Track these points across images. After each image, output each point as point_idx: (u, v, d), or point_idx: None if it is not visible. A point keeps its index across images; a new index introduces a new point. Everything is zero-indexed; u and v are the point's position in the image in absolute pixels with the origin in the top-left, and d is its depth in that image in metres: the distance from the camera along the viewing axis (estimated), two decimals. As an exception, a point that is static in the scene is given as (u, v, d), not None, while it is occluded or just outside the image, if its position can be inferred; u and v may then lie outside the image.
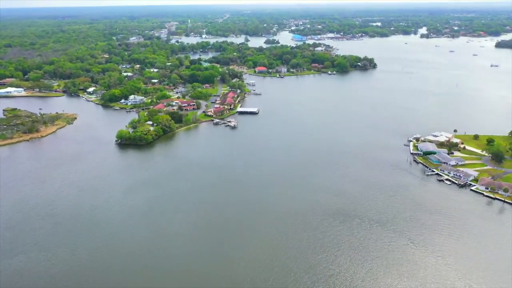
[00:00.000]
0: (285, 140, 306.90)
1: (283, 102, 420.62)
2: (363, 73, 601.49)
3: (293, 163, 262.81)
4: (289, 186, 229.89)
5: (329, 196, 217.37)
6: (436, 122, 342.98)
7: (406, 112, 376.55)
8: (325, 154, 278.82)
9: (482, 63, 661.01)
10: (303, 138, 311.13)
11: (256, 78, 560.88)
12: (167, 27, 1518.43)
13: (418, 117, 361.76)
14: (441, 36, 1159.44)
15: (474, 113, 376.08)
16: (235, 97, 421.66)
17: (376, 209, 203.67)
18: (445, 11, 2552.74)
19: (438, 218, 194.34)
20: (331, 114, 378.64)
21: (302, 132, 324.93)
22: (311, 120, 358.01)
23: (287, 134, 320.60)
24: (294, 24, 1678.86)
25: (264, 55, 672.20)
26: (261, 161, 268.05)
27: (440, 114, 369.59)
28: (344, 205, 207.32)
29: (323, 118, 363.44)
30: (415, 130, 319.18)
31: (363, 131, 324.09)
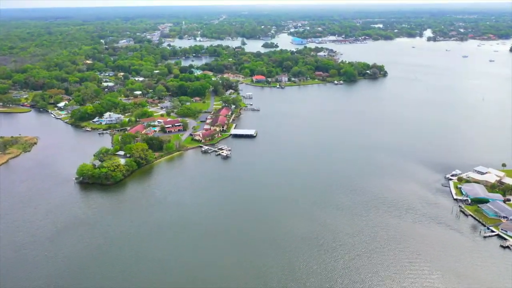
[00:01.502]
0: (288, 175, 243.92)
1: (285, 120, 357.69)
2: (373, 82, 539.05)
3: (298, 212, 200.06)
4: (294, 255, 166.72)
5: (344, 275, 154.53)
6: (473, 149, 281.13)
7: (431, 134, 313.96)
8: (336, 195, 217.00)
9: (503, 71, 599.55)
10: (309, 172, 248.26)
11: (254, 89, 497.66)
12: (160, 29, 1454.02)
13: (447, 141, 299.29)
14: (448, 39, 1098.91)
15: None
16: (228, 115, 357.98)
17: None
18: (446, 12, 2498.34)
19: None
20: (342, 136, 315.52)
21: (308, 163, 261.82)
22: (319, 145, 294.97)
23: (290, 166, 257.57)
24: (292, 25, 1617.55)
25: (262, 62, 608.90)
26: (259, 213, 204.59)
27: (474, 138, 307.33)
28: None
29: (332, 142, 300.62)
30: (450, 161, 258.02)
31: (382, 160, 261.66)
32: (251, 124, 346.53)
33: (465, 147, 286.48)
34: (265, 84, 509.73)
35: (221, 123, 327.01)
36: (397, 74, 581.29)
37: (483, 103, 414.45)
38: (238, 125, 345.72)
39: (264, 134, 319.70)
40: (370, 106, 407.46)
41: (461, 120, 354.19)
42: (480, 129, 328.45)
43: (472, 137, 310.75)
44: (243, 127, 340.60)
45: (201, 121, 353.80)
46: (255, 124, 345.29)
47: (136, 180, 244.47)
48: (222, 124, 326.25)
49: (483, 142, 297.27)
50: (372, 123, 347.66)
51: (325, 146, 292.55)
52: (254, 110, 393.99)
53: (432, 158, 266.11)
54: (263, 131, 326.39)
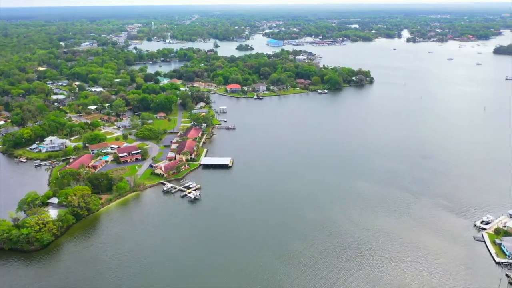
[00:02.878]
0: (274, 222, 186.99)
1: (266, 142, 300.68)
2: (360, 90, 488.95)
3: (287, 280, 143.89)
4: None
5: None
6: (493, 178, 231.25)
7: (439, 160, 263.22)
8: (332, 251, 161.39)
9: (494, 76, 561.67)
10: (300, 217, 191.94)
11: (228, 100, 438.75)
12: (128, 30, 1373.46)
13: (461, 168, 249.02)
14: (428, 40, 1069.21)
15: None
16: (198, 138, 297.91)
17: None
18: (419, 12, 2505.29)
19: None
20: (334, 163, 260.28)
21: (298, 207, 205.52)
22: (307, 177, 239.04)
23: (276, 207, 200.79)
24: (267, 26, 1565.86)
25: (237, 68, 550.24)
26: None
27: (490, 163, 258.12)
28: None
29: (324, 173, 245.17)
30: (472, 198, 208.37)
31: (386, 195, 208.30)
32: (226, 149, 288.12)
33: (483, 176, 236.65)
34: (241, 94, 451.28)
35: (188, 149, 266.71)
36: (384, 79, 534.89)
37: (485, 114, 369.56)
38: (210, 150, 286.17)
39: (241, 163, 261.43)
40: (362, 122, 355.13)
41: (469, 137, 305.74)
42: (493, 148, 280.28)
43: (482, 160, 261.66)
44: (216, 152, 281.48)
45: (165, 145, 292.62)
46: (231, 149, 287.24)
47: (72, 241, 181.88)
48: (190, 151, 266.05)
49: (501, 168, 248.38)
50: (368, 146, 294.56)
51: (314, 179, 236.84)
52: (229, 128, 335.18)
53: (448, 194, 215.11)
54: (240, 158, 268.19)
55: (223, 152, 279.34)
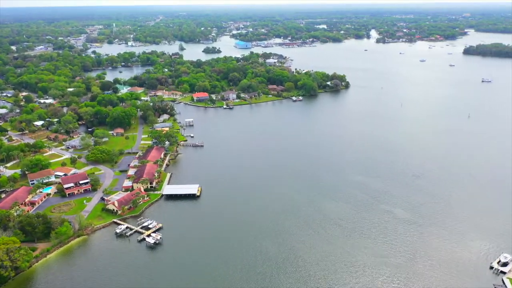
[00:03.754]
0: (255, 276, 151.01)
1: (238, 161, 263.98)
2: (336, 96, 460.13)
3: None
4: None
5: None
6: (492, 199, 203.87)
7: (430, 178, 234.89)
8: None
9: (469, 78, 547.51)
10: (280, 263, 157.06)
11: (195, 110, 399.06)
12: (88, 32, 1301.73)
13: (456, 189, 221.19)
14: (397, 40, 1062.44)
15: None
16: (160, 160, 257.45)
17: None
18: (384, 12, 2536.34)
19: None
20: (318, 184, 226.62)
21: (286, 245, 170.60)
22: (289, 204, 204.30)
23: (248, 246, 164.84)
24: (234, 27, 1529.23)
25: (204, 74, 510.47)
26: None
27: (486, 180, 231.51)
28: None
29: (301, 189, 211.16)
30: (477, 228, 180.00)
31: (371, 225, 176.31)
32: (193, 172, 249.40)
33: (483, 197, 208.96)
34: (209, 104, 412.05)
35: (148, 177, 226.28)
36: (359, 83, 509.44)
37: (470, 121, 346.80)
38: (175, 175, 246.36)
39: (211, 191, 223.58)
40: (342, 133, 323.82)
41: (459, 150, 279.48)
42: (488, 163, 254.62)
43: (483, 177, 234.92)
44: (181, 178, 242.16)
45: (121, 170, 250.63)
46: (198, 171, 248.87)
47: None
48: (150, 179, 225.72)
49: (500, 185, 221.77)
50: (349, 160, 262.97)
51: (297, 205, 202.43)
52: (197, 146, 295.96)
53: (447, 221, 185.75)
54: (209, 184, 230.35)
55: (189, 177, 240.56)
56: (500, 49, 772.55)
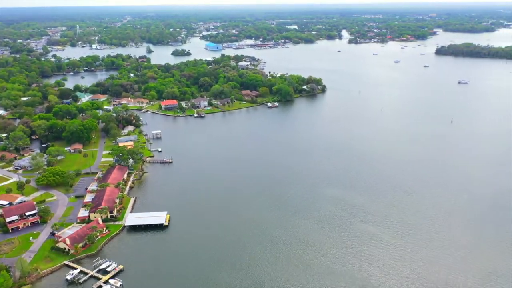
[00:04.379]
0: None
1: (211, 179, 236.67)
2: (313, 101, 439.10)
3: None
4: None
5: None
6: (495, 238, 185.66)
7: (421, 196, 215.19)
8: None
9: (445, 79, 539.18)
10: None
11: (163, 120, 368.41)
12: (50, 35, 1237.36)
13: (453, 215, 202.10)
14: (369, 41, 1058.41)
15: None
16: (123, 184, 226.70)
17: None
18: (353, 12, 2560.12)
19: None
20: (290, 202, 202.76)
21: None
22: (270, 232, 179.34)
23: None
24: (204, 28, 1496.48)
25: (173, 79, 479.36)
26: None
27: (486, 207, 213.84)
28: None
29: (277, 219, 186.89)
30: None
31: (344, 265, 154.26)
32: (161, 195, 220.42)
33: (484, 227, 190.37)
34: (179, 112, 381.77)
35: (107, 205, 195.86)
36: (336, 86, 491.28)
37: (454, 127, 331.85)
38: (140, 200, 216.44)
39: (182, 219, 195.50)
40: (321, 142, 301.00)
41: (448, 164, 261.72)
42: (481, 183, 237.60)
43: (482, 201, 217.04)
44: (147, 202, 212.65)
45: (77, 196, 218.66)
46: (167, 194, 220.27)
47: None
48: (110, 207, 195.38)
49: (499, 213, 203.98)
50: (329, 174, 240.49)
51: (269, 231, 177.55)
52: (165, 162, 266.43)
53: (448, 245, 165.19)
54: (180, 210, 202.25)
55: (156, 202, 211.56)
56: (471, 49, 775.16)
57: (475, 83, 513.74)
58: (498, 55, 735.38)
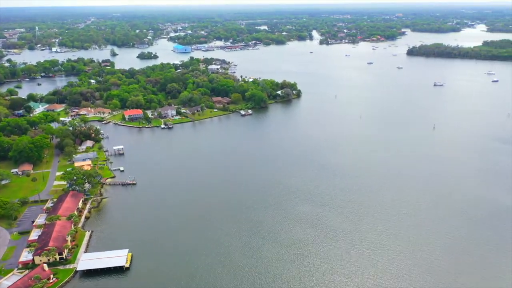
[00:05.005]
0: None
1: (181, 203, 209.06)
2: (288, 107, 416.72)
3: None
4: None
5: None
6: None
7: (417, 217, 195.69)
8: None
9: (420, 82, 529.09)
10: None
11: (127, 133, 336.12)
12: (6, 37, 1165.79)
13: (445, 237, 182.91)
14: (340, 41, 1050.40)
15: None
16: (76, 216, 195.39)
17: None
18: (322, 12, 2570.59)
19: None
20: (262, 225, 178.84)
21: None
22: (234, 267, 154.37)
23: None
24: (172, 29, 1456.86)
25: (138, 85, 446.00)
26: None
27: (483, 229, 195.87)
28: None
29: (251, 250, 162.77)
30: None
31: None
32: (122, 227, 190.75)
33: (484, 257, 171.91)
34: (144, 123, 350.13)
35: (56, 244, 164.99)
36: (311, 90, 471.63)
37: (437, 133, 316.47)
38: (97, 234, 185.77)
39: (146, 258, 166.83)
40: (300, 156, 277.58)
41: (436, 180, 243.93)
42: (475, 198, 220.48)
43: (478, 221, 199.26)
44: (105, 238, 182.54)
45: (21, 232, 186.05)
46: (129, 227, 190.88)
47: None
48: (58, 248, 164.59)
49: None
50: (309, 194, 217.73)
51: (240, 270, 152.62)
52: (127, 184, 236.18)
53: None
54: (144, 245, 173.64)
55: (117, 236, 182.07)
56: (442, 50, 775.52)
57: (450, 84, 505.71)
58: (468, 55, 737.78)
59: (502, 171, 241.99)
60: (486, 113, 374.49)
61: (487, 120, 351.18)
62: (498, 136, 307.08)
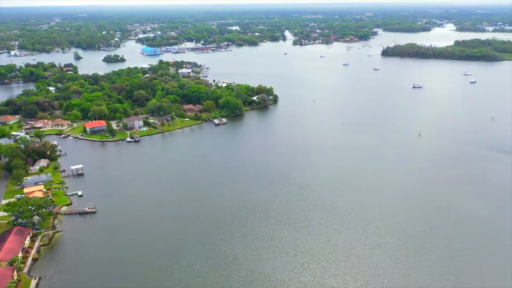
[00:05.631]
0: None
1: (151, 234, 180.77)
2: (264, 114, 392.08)
3: None
4: None
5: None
6: None
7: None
8: None
9: (399, 84, 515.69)
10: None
11: (88, 147, 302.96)
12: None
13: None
14: (313, 42, 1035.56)
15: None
16: (20, 258, 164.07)
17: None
18: (293, 12, 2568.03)
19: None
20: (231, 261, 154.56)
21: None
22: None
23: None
24: (141, 30, 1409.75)
25: (102, 93, 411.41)
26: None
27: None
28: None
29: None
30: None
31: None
32: (76, 271, 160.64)
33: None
34: (108, 137, 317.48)
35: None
36: (288, 95, 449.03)
37: (423, 142, 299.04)
38: (44, 283, 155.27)
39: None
40: (278, 173, 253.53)
41: (425, 197, 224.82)
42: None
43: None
44: (55, 286, 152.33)
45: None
46: (85, 267, 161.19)
47: None
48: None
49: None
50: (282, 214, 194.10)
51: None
52: (86, 212, 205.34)
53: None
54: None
55: (70, 283, 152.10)
56: (416, 50, 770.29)
57: (429, 87, 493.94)
58: (442, 55, 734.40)
59: (498, 184, 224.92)
60: (470, 117, 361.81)
61: (472, 125, 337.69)
62: (487, 143, 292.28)
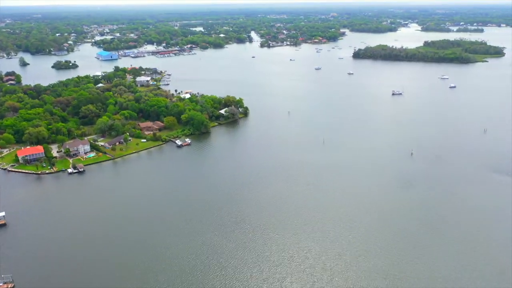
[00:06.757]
0: None
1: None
2: (234, 131, 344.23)
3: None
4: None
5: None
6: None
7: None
8: None
9: (378, 90, 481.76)
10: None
11: (18, 184, 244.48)
12: None
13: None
14: (281, 44, 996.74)
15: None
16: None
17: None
18: (257, 12, 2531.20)
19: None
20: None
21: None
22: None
23: None
24: (98, 31, 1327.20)
25: (42, 109, 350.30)
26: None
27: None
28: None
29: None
30: None
31: None
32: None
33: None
34: (44, 167, 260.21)
35: None
36: (260, 106, 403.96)
37: (415, 161, 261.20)
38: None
39: None
40: (253, 209, 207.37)
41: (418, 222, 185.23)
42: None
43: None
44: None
45: None
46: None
47: None
48: None
49: None
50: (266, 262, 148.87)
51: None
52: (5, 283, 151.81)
53: None
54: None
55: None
56: (388, 52, 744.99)
57: (409, 93, 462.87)
58: (415, 57, 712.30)
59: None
60: (461, 129, 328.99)
61: (465, 140, 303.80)
62: (487, 162, 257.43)
